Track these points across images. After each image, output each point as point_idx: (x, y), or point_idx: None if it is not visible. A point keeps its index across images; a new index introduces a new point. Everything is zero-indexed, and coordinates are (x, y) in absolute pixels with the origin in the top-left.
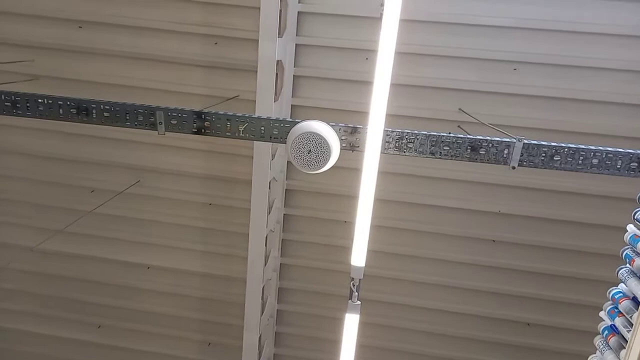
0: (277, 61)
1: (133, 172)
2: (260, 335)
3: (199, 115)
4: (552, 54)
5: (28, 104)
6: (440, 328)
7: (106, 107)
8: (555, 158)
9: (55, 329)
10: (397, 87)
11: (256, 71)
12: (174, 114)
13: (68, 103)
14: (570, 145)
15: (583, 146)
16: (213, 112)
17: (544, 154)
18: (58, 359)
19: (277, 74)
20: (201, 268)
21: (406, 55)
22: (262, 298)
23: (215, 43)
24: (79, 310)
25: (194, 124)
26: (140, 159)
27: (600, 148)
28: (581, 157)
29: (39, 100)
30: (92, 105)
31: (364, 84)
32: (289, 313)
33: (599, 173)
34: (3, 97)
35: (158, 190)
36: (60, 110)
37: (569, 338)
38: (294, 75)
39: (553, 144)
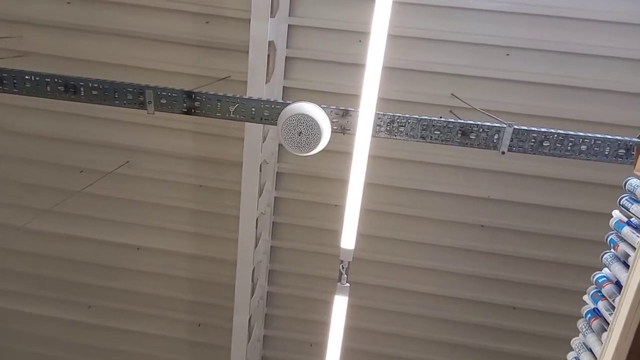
0: (269, 42)
1: (123, 153)
2: (250, 317)
3: (189, 95)
4: (545, 39)
5: (15, 81)
6: (428, 311)
7: (94, 85)
8: (544, 144)
9: (44, 308)
10: (390, 71)
11: (248, 52)
12: (163, 93)
13: (56, 80)
14: (560, 132)
15: (572, 132)
16: (203, 92)
17: (533, 140)
18: (47, 338)
19: (268, 55)
20: (191, 249)
21: (399, 38)
22: (252, 280)
23: (207, 22)
24: (68, 290)
25: (184, 104)
26: (130, 140)
27: (589, 135)
28: (570, 144)
29: (26, 77)
30: (80, 83)
31: (357, 66)
32: (279, 295)
33: (587, 159)
34: None
35: (148, 171)
36: (48, 87)
37: (554, 322)
38: (286, 57)
39: (542, 129)
